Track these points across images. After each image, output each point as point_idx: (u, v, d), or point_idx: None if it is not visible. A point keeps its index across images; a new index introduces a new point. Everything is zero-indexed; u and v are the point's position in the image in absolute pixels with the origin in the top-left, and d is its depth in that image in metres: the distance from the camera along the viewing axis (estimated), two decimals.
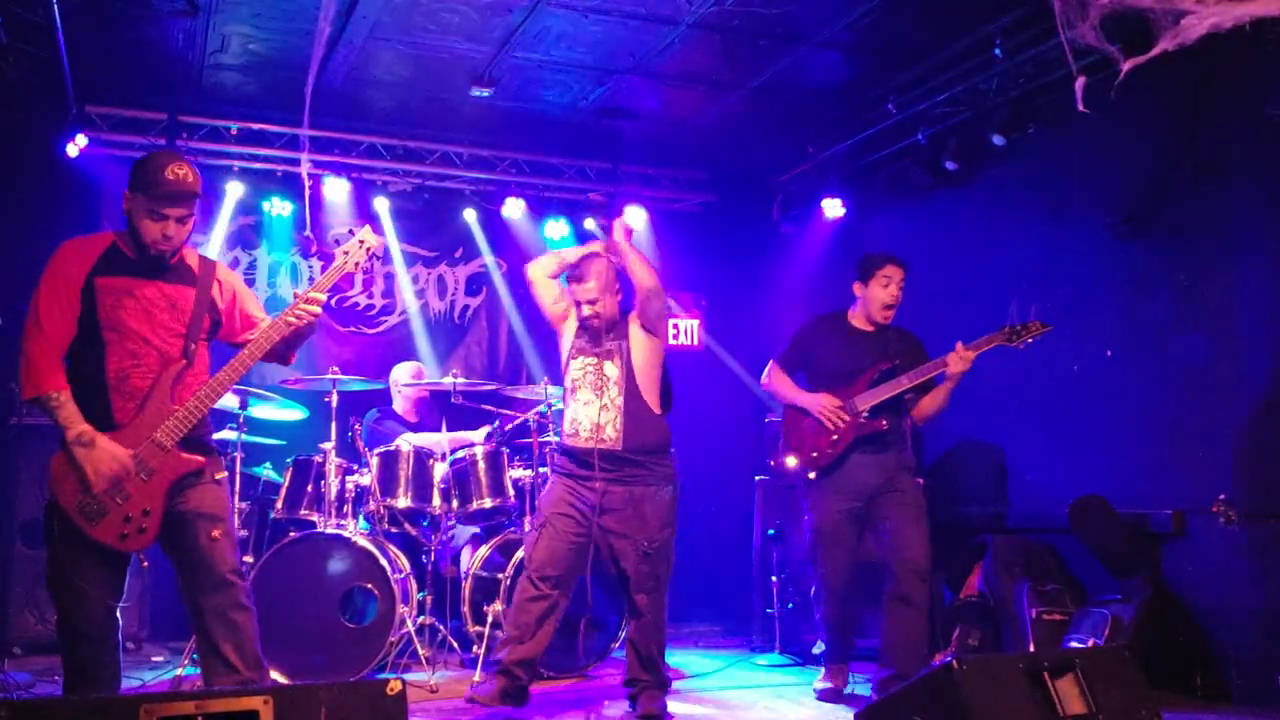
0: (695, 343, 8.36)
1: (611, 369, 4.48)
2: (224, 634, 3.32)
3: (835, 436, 4.72)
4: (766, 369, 5.12)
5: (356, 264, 3.65)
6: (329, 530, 5.14)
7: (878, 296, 4.80)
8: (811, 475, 4.78)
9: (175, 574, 3.43)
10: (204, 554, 3.33)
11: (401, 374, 6.56)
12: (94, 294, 3.31)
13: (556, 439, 4.62)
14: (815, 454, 4.78)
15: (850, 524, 4.78)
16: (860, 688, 4.94)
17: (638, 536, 4.35)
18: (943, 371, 4.60)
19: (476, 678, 4.87)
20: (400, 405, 6.54)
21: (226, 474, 3.56)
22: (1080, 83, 4.12)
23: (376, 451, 5.42)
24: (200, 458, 3.37)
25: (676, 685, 5.12)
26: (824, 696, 4.80)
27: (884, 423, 4.69)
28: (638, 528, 4.36)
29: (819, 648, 4.97)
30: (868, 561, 4.95)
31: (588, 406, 4.44)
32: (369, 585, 5.01)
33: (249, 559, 5.29)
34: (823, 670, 4.93)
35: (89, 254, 3.36)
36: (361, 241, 3.65)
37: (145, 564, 3.39)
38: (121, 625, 3.39)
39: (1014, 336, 4.56)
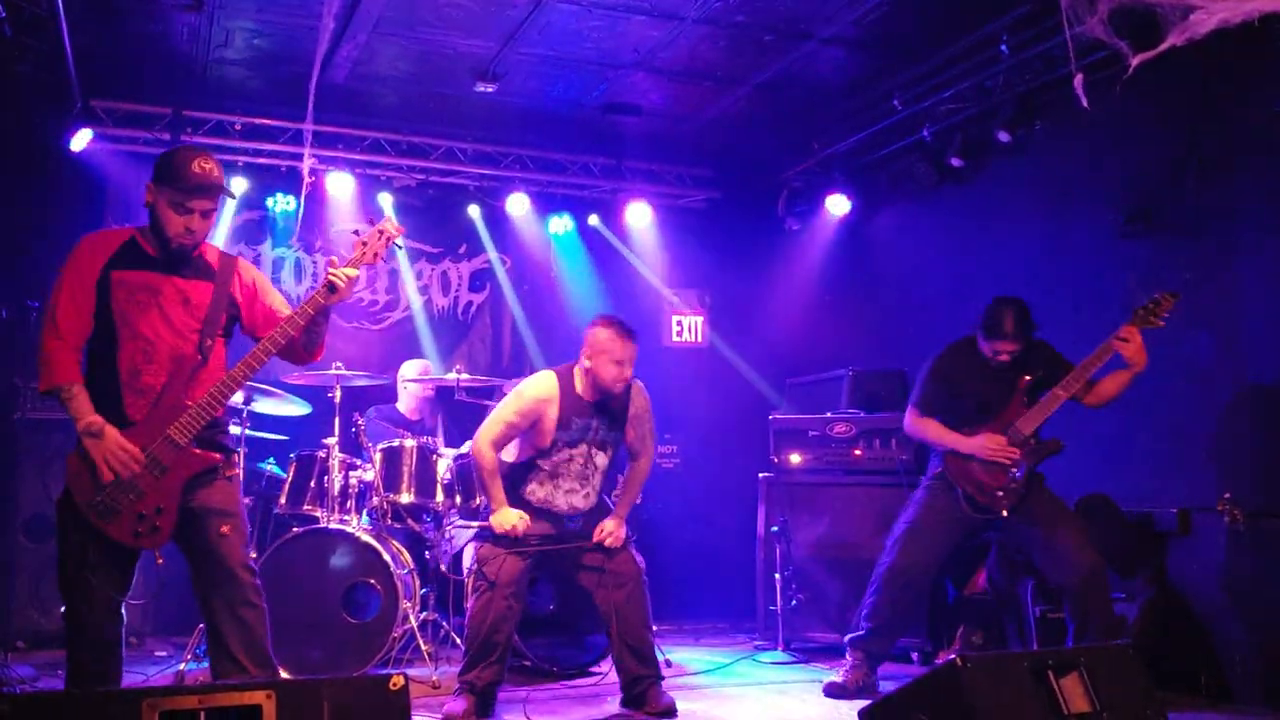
0: (699, 340, 8.35)
1: (602, 459, 4.54)
2: (233, 631, 3.30)
3: (1014, 470, 4.52)
4: (909, 418, 4.83)
5: (376, 254, 3.59)
6: (332, 526, 5.14)
7: (991, 355, 4.59)
8: (1005, 514, 4.54)
9: (188, 569, 3.41)
10: (215, 550, 3.32)
11: (408, 371, 6.57)
12: (109, 288, 3.30)
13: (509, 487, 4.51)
14: (1000, 493, 4.53)
15: (955, 529, 4.67)
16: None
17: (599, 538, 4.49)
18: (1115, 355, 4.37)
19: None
20: (405, 403, 6.54)
21: (239, 471, 3.54)
22: (1079, 80, 4.12)
23: (380, 447, 5.41)
24: (215, 455, 3.35)
25: (680, 682, 5.12)
26: (829, 691, 4.75)
27: (1058, 442, 4.57)
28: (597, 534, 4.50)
29: (853, 634, 4.84)
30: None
31: (569, 495, 4.50)
32: (372, 581, 5.01)
33: (252, 554, 5.30)
34: (847, 662, 4.81)
35: (107, 247, 3.35)
36: (381, 231, 3.59)
37: (161, 561, 3.36)
38: (125, 621, 3.38)
39: (1150, 316, 4.36)
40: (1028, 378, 4.56)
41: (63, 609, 3.28)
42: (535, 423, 4.41)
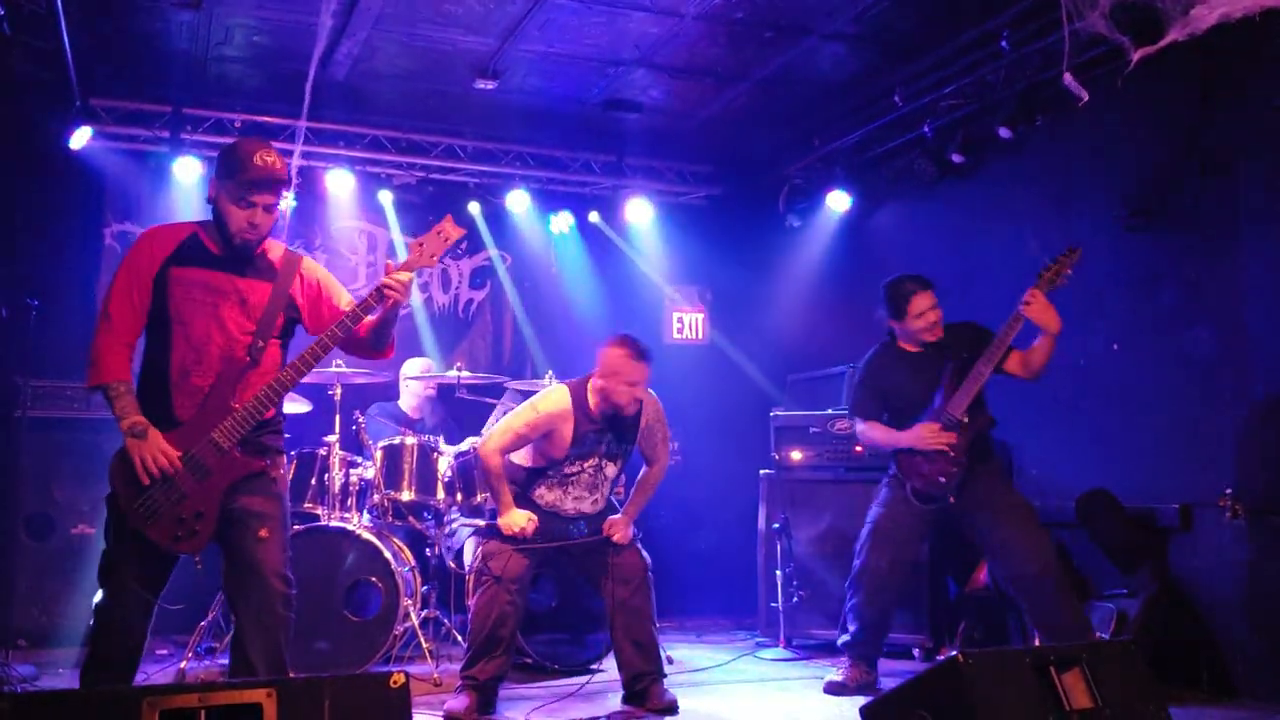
0: (700, 337, 8.35)
1: (612, 469, 4.58)
2: (255, 638, 3.24)
3: (951, 454, 4.52)
4: (856, 428, 4.91)
5: (433, 255, 3.44)
6: (333, 523, 5.14)
7: (918, 328, 4.66)
8: (952, 500, 4.55)
9: (221, 568, 3.35)
10: (249, 553, 3.25)
11: (410, 369, 6.56)
12: (166, 284, 3.24)
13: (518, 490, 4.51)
14: (943, 479, 4.55)
15: (917, 523, 4.70)
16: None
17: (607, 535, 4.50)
18: (1023, 325, 4.40)
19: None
20: (407, 401, 6.54)
21: (284, 473, 3.45)
22: (1068, 77, 4.12)
23: (381, 445, 5.41)
24: (259, 460, 3.29)
25: (681, 678, 5.11)
26: (830, 689, 4.76)
27: (988, 417, 4.61)
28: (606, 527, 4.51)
29: (842, 637, 4.86)
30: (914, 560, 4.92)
31: (577, 501, 4.52)
32: (373, 578, 5.01)
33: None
34: (844, 663, 4.83)
35: (168, 243, 3.29)
36: (439, 231, 3.44)
37: (200, 565, 3.33)
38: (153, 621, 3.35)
39: (1056, 274, 4.39)
40: (953, 364, 4.58)
41: (95, 598, 3.25)
42: (547, 435, 4.41)
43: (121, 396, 3.17)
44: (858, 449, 5.94)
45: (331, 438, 5.36)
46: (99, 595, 3.25)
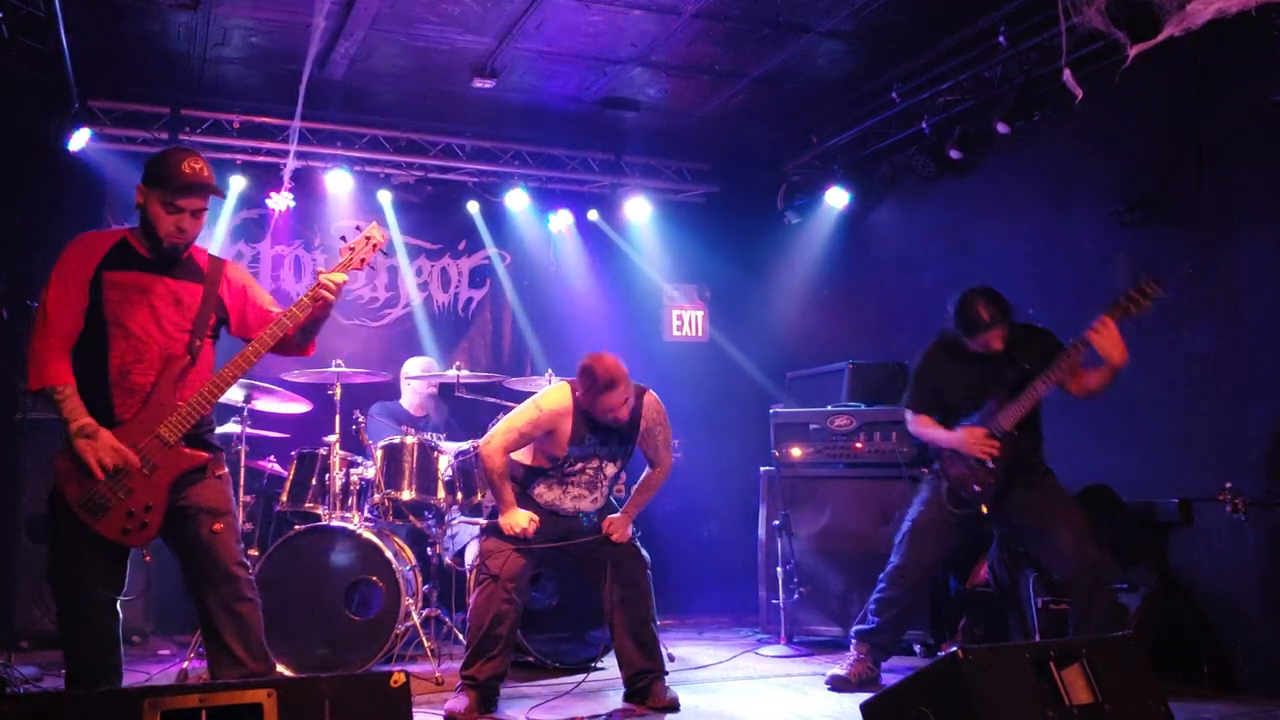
0: (700, 334, 8.36)
1: (612, 469, 4.57)
2: (229, 627, 3.32)
3: (992, 465, 4.46)
4: (907, 419, 4.81)
5: (363, 260, 3.64)
6: (334, 523, 5.15)
7: (976, 349, 4.52)
8: (985, 509, 4.50)
9: (179, 569, 3.43)
10: (207, 547, 3.34)
11: (411, 368, 6.56)
12: (101, 288, 3.32)
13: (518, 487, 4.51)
14: (978, 488, 4.50)
15: (953, 524, 4.63)
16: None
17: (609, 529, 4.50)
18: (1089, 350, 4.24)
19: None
20: (409, 400, 6.55)
21: (227, 470, 3.56)
22: (1068, 74, 4.12)
23: (381, 444, 5.42)
24: (203, 454, 3.38)
25: (683, 676, 5.12)
26: (833, 684, 4.73)
27: (1037, 435, 4.53)
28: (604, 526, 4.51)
29: (861, 626, 4.83)
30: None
31: (577, 500, 4.51)
32: (374, 578, 5.01)
33: (254, 552, 5.31)
34: (850, 655, 4.80)
35: (99, 248, 3.37)
36: (368, 238, 3.64)
37: (148, 558, 3.40)
38: (123, 619, 3.40)
39: (1135, 304, 4.18)
40: (1013, 376, 4.47)
41: (56, 608, 3.30)
42: (549, 434, 4.41)
43: (69, 399, 3.24)
44: (857, 445, 5.94)
45: (332, 437, 5.36)
46: (58, 603, 3.29)
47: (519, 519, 4.34)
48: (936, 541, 4.69)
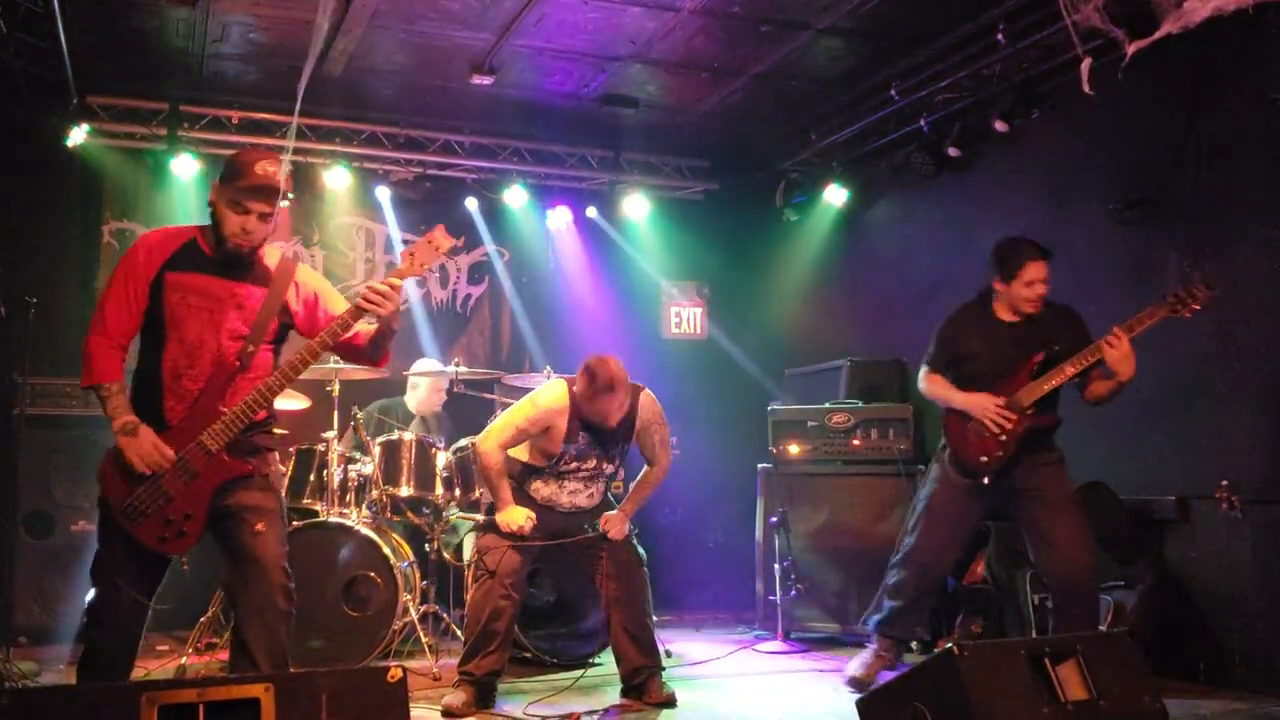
0: (698, 331, 8.36)
1: (609, 467, 4.58)
2: (257, 634, 3.27)
3: (1004, 437, 4.31)
4: (921, 375, 4.63)
5: (423, 265, 3.49)
6: (332, 519, 5.16)
7: (1023, 296, 4.36)
8: (985, 481, 4.37)
9: (222, 567, 3.38)
10: (247, 547, 3.28)
11: (418, 368, 6.53)
12: (162, 289, 3.29)
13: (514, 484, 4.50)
14: (985, 459, 4.35)
15: (970, 502, 4.50)
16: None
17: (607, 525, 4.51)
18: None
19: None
20: (413, 400, 6.50)
21: (277, 469, 3.50)
22: (1086, 64, 4.11)
23: (379, 441, 5.42)
24: (246, 465, 3.31)
25: (680, 672, 5.13)
26: (852, 685, 4.60)
27: (1053, 416, 4.38)
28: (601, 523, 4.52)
29: (874, 616, 4.69)
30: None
31: (573, 495, 4.53)
32: (372, 573, 5.02)
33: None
34: (867, 651, 4.69)
35: (167, 247, 3.34)
36: (430, 241, 3.50)
37: (186, 567, 3.35)
38: (148, 620, 3.37)
39: (1179, 305, 4.11)
40: (1042, 354, 4.33)
41: (88, 596, 3.29)
42: (545, 431, 4.42)
43: (114, 396, 3.22)
44: (855, 443, 5.95)
45: (330, 434, 5.37)
46: (91, 594, 3.29)
47: (516, 517, 4.35)
48: (953, 520, 4.52)
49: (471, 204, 7.67)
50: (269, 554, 3.29)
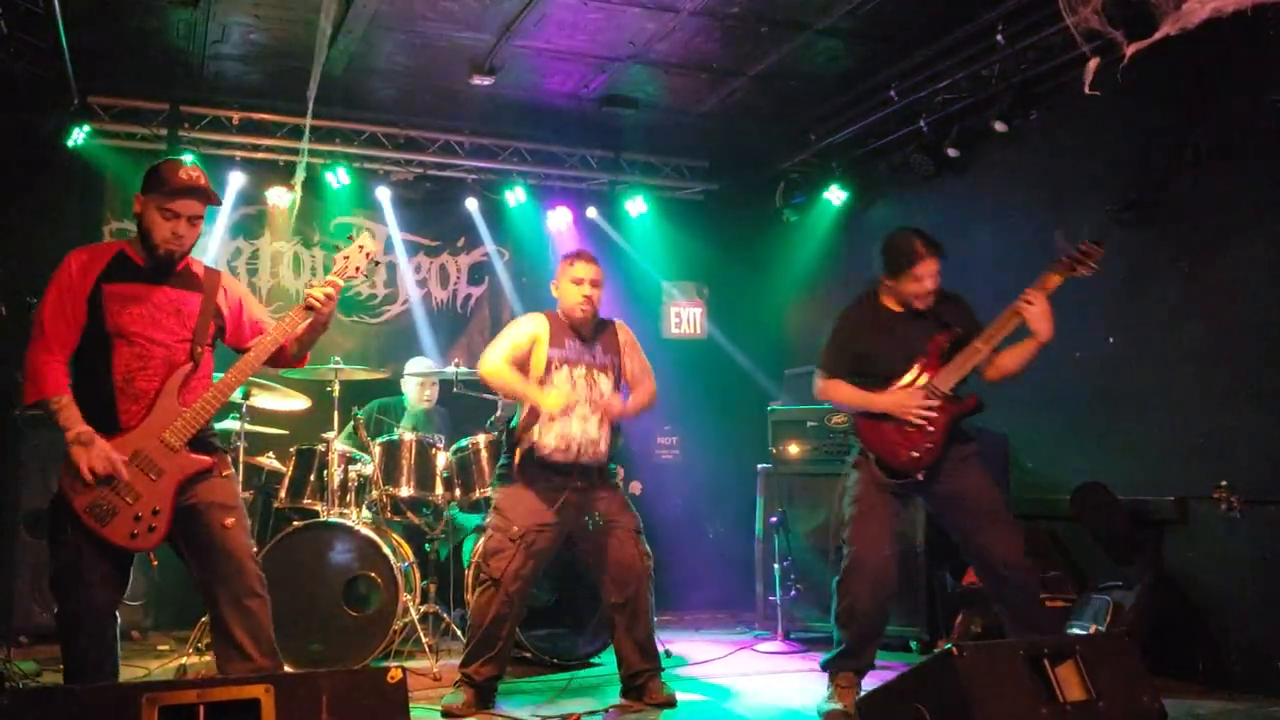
0: (698, 331, 8.37)
1: (606, 383, 4.46)
2: (239, 622, 3.33)
3: (931, 429, 4.08)
4: (818, 386, 4.32)
5: (357, 268, 3.68)
6: (332, 519, 5.16)
7: (912, 292, 4.20)
8: (920, 478, 4.12)
9: (189, 567, 3.43)
10: (217, 542, 3.35)
11: (413, 367, 6.54)
12: (101, 300, 3.34)
13: (520, 449, 4.40)
14: (916, 454, 4.10)
15: (898, 505, 4.23)
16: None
17: (626, 520, 4.45)
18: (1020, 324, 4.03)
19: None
20: (409, 399, 6.52)
21: (233, 470, 3.60)
22: (1093, 64, 4.10)
23: (379, 441, 5.43)
24: (207, 458, 3.40)
25: (680, 672, 5.14)
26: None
27: (974, 398, 4.17)
28: (622, 512, 4.46)
29: (828, 655, 4.30)
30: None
31: (585, 422, 4.35)
32: (372, 574, 5.03)
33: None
34: (829, 687, 4.21)
35: (97, 262, 3.40)
36: (361, 246, 3.69)
37: (155, 563, 3.40)
38: (120, 618, 3.40)
39: (1075, 265, 4.03)
40: (945, 336, 4.17)
41: (56, 609, 3.30)
42: (533, 342, 4.43)
43: (65, 409, 3.26)
44: None
45: (330, 434, 5.37)
46: (59, 605, 3.29)
47: (554, 399, 4.27)
48: (889, 528, 4.17)
49: (471, 204, 7.68)
50: (240, 546, 3.39)
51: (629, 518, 4.48)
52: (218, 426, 4.25)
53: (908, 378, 4.19)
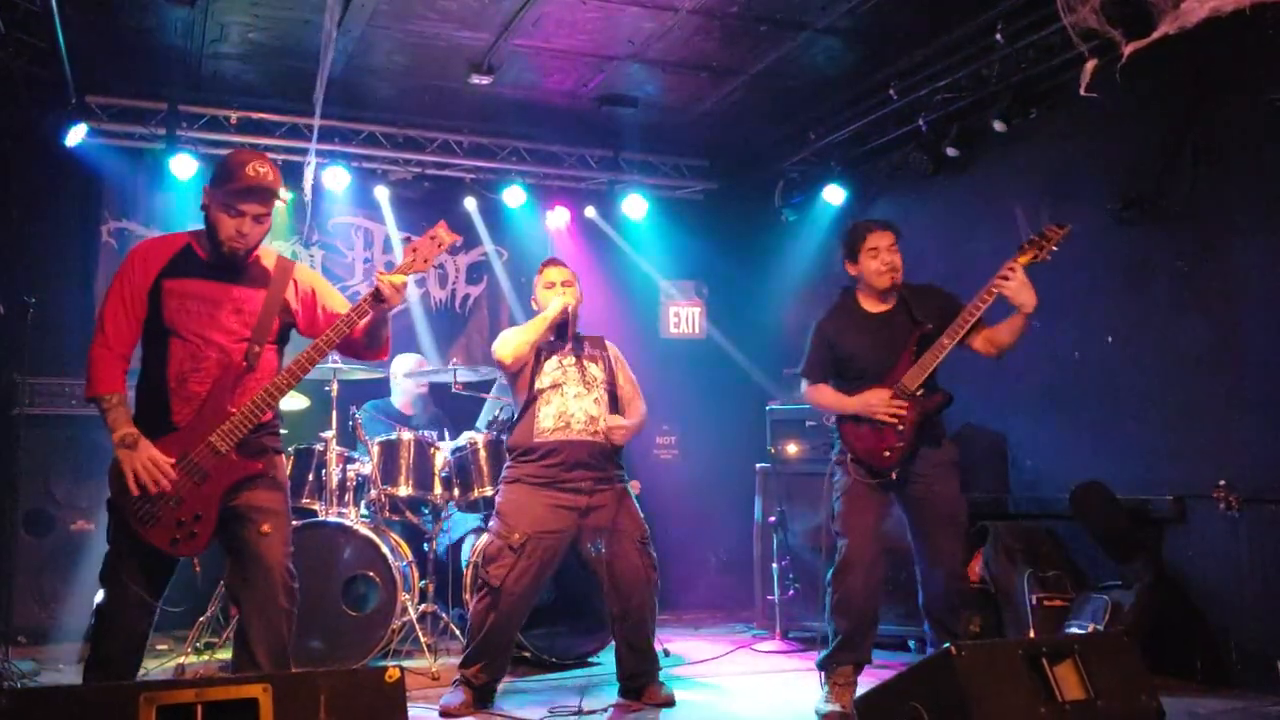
0: (697, 331, 8.36)
1: (596, 371, 4.51)
2: (260, 633, 3.30)
3: (900, 427, 4.17)
4: (803, 390, 4.51)
5: (427, 260, 3.53)
6: (330, 519, 5.16)
7: (873, 269, 4.32)
8: (894, 476, 4.20)
9: (225, 566, 3.41)
10: (252, 548, 3.31)
11: (400, 366, 6.54)
12: (160, 296, 3.31)
13: (521, 453, 4.42)
14: (888, 453, 4.19)
15: (883, 502, 4.30)
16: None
17: (632, 529, 4.41)
18: (995, 301, 4.10)
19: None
20: (398, 398, 6.53)
21: (284, 474, 3.52)
22: (1091, 66, 4.10)
23: (377, 440, 5.43)
24: (257, 464, 3.34)
25: (678, 672, 5.14)
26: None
27: (941, 394, 4.24)
28: (629, 520, 4.42)
29: (824, 652, 4.40)
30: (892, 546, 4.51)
31: (579, 399, 4.40)
32: (370, 573, 5.03)
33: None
34: (825, 686, 4.35)
35: (160, 256, 3.35)
36: (433, 237, 3.54)
37: (198, 569, 3.38)
38: (155, 622, 3.40)
39: (1040, 249, 4.11)
40: (919, 332, 4.24)
41: (96, 598, 3.31)
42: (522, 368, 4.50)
43: (114, 409, 3.23)
44: None
45: (329, 433, 5.37)
46: (100, 596, 3.30)
47: (556, 302, 4.51)
48: (875, 510, 4.27)
49: (470, 204, 7.66)
50: (274, 555, 3.32)
51: (636, 528, 4.43)
52: None
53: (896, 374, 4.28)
